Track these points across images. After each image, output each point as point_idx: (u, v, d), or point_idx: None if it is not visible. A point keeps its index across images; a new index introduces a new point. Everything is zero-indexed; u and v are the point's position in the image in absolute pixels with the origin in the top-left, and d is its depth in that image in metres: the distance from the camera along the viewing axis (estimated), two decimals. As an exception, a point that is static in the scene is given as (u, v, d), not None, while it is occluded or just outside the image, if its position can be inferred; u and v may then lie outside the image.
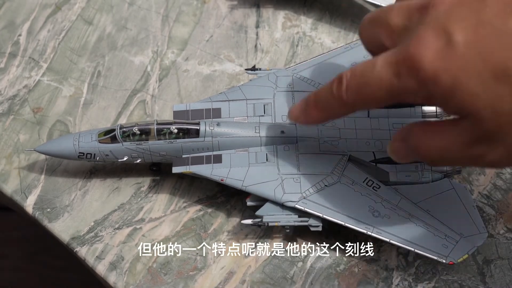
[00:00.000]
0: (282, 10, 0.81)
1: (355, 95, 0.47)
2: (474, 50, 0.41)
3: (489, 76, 0.40)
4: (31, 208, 0.64)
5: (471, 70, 0.41)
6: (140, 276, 0.59)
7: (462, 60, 0.41)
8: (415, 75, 0.42)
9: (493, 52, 0.40)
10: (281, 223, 0.58)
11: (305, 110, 0.53)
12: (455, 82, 0.41)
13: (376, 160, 0.61)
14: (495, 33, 0.40)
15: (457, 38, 0.41)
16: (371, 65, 0.45)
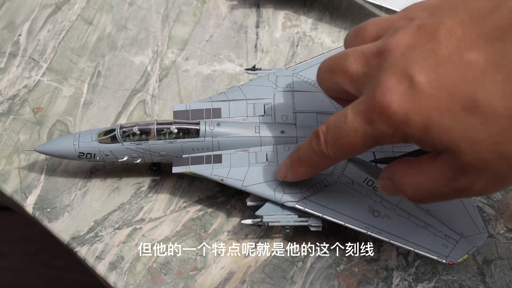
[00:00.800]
0: (282, 10, 0.81)
1: (335, 148, 0.49)
2: (438, 88, 0.42)
3: (459, 109, 0.41)
4: (31, 208, 0.64)
5: (440, 107, 0.42)
6: (140, 276, 0.59)
7: (429, 99, 0.42)
8: (387, 121, 0.43)
9: (457, 86, 0.41)
10: (281, 223, 0.58)
11: (291, 168, 0.55)
12: (427, 120, 0.42)
13: (376, 160, 0.61)
14: (455, 69, 0.41)
15: (419, 79, 0.42)
16: (342, 117, 0.47)
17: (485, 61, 0.41)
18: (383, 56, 0.45)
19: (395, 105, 0.43)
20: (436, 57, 0.42)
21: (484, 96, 0.40)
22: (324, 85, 0.54)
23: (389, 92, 0.43)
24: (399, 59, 0.43)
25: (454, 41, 0.42)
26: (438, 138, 0.42)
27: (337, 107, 0.64)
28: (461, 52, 0.41)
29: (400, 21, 0.47)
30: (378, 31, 0.49)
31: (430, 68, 0.42)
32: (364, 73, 0.47)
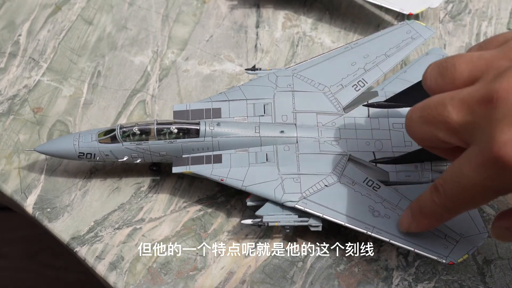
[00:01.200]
0: (282, 10, 0.81)
1: (456, 202, 0.48)
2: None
3: None
4: (31, 208, 0.64)
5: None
6: (140, 276, 0.59)
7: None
8: (509, 174, 0.41)
9: None
10: (281, 223, 0.58)
11: (414, 220, 0.54)
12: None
13: (376, 160, 0.61)
14: None
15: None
16: (458, 172, 0.45)
17: None
18: (491, 105, 0.42)
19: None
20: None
21: None
22: (417, 136, 0.50)
23: (506, 145, 0.40)
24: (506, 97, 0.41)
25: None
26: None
27: (337, 107, 0.64)
28: None
29: (500, 61, 0.44)
30: (472, 71, 0.45)
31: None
32: (469, 123, 0.44)
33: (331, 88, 0.65)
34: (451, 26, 0.79)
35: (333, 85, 0.65)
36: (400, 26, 0.71)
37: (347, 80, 0.66)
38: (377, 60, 0.67)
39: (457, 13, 0.80)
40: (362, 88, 0.65)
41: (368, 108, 0.64)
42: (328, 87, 0.65)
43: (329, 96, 0.65)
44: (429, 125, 0.47)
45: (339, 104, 0.64)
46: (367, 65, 0.67)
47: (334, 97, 0.65)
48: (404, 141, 0.63)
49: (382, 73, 0.67)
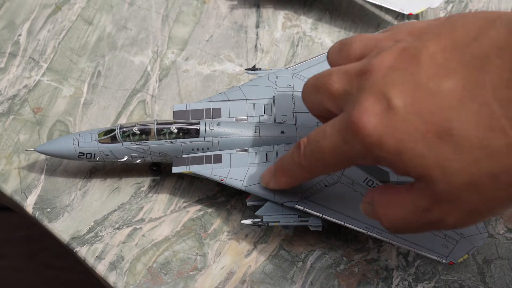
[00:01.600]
0: (282, 10, 0.81)
1: (312, 161, 0.49)
2: (414, 113, 0.41)
3: (433, 136, 0.41)
4: (31, 208, 0.64)
5: (414, 133, 0.41)
6: (140, 276, 0.59)
7: (404, 124, 0.41)
8: (361, 141, 0.43)
9: (433, 113, 0.41)
10: (281, 223, 0.58)
11: (274, 176, 0.56)
12: (400, 145, 0.42)
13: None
14: (431, 95, 0.41)
15: (396, 102, 0.42)
16: (322, 132, 0.47)
17: (462, 89, 0.40)
18: (365, 76, 0.45)
19: (370, 127, 0.42)
20: (415, 82, 0.42)
21: (459, 125, 0.40)
22: (308, 103, 0.54)
23: (366, 112, 0.43)
24: (379, 81, 0.43)
25: (434, 67, 0.41)
26: (411, 164, 0.42)
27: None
28: (440, 79, 0.41)
29: (386, 41, 0.47)
30: (363, 49, 0.49)
31: (408, 92, 0.42)
32: (346, 92, 0.47)
33: (331, 88, 0.65)
34: (451, 26, 0.79)
35: (333, 85, 0.65)
36: (400, 26, 0.71)
37: (347, 80, 0.66)
38: (377, 60, 0.67)
39: (457, 13, 0.80)
40: (362, 88, 0.65)
41: (368, 108, 0.64)
42: (328, 87, 0.65)
43: (329, 96, 0.65)
44: (317, 92, 0.50)
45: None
46: (367, 65, 0.67)
47: (334, 97, 0.65)
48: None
49: (382, 73, 0.67)
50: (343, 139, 0.45)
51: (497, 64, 0.39)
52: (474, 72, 0.40)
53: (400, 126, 0.42)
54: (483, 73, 0.40)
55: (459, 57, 0.41)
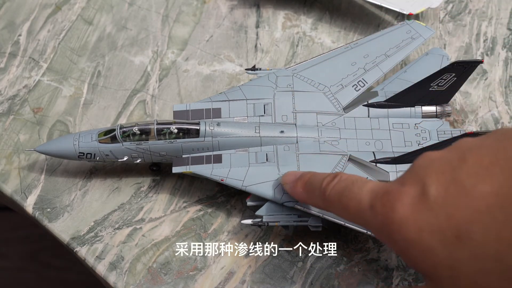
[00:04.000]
0: (282, 10, 0.81)
1: (335, 197, 0.48)
2: (442, 205, 0.40)
3: (451, 235, 0.39)
4: (31, 208, 0.64)
5: (435, 225, 0.40)
6: (140, 276, 0.59)
7: (429, 213, 0.41)
8: (385, 214, 0.43)
9: (459, 211, 0.40)
10: (281, 223, 0.58)
11: (295, 182, 0.55)
12: (417, 234, 0.41)
13: (376, 160, 0.61)
14: (464, 193, 0.40)
15: (431, 190, 0.41)
16: (361, 183, 0.46)
17: (495, 196, 0.39)
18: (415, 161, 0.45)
19: (398, 205, 0.42)
20: (454, 175, 0.41)
21: (480, 231, 0.39)
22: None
23: (400, 190, 0.42)
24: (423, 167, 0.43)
25: (477, 167, 0.40)
26: (421, 258, 0.41)
27: (337, 107, 0.64)
28: (478, 180, 0.40)
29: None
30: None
31: (443, 183, 0.41)
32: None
33: (331, 88, 0.65)
34: (451, 26, 0.79)
35: (333, 85, 0.65)
36: (400, 26, 0.71)
37: (347, 80, 0.66)
38: (377, 60, 0.67)
39: (457, 13, 0.80)
40: (362, 88, 0.65)
41: (368, 108, 0.65)
42: (328, 87, 0.65)
43: (329, 96, 0.65)
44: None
45: (339, 104, 0.64)
46: (367, 65, 0.67)
47: (334, 97, 0.65)
48: (404, 141, 0.63)
49: (382, 73, 0.67)
50: (370, 203, 0.44)
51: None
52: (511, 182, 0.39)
53: (424, 215, 0.41)
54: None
55: (503, 166, 0.40)
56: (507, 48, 0.76)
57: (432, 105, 0.65)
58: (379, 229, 0.44)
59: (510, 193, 0.39)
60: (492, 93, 0.73)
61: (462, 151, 0.42)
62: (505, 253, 0.38)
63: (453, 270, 0.40)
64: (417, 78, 0.65)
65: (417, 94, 0.64)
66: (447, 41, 0.77)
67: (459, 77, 0.63)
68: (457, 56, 0.76)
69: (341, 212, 0.48)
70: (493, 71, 0.74)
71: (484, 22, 0.79)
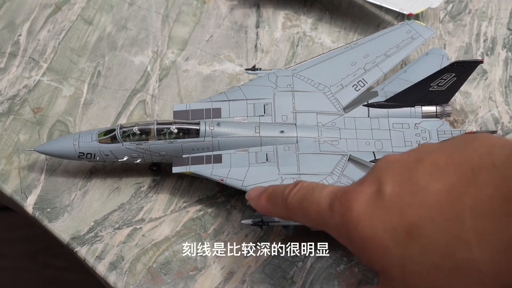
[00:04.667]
0: (282, 10, 0.81)
1: (296, 204, 0.48)
2: (395, 203, 0.41)
3: (403, 231, 0.40)
4: (31, 208, 0.64)
5: (388, 222, 0.41)
6: (140, 276, 0.59)
7: (383, 211, 0.41)
8: (342, 213, 0.43)
9: (411, 208, 0.40)
10: (281, 223, 0.58)
11: (259, 195, 0.54)
12: (371, 231, 0.41)
13: (376, 160, 0.61)
14: (417, 190, 0.40)
15: (386, 189, 0.42)
16: (322, 188, 0.47)
17: (445, 193, 0.39)
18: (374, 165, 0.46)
19: (355, 204, 0.42)
20: (409, 174, 0.41)
21: (430, 227, 0.39)
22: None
23: (358, 190, 0.43)
24: (381, 168, 0.44)
25: (432, 168, 0.41)
26: (375, 256, 0.41)
27: (337, 107, 0.64)
28: (431, 178, 0.41)
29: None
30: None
31: (398, 182, 0.42)
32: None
33: (331, 88, 0.65)
34: (451, 26, 0.79)
35: (333, 85, 0.65)
36: (400, 26, 0.71)
37: (347, 80, 0.66)
38: (377, 60, 0.67)
39: (457, 13, 0.80)
40: (362, 88, 0.65)
41: (368, 108, 0.65)
42: (328, 87, 0.65)
43: (329, 96, 0.65)
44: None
45: (339, 104, 0.64)
46: (367, 65, 0.67)
47: (334, 97, 0.65)
48: (404, 141, 0.63)
49: (382, 73, 0.67)
50: (329, 204, 0.45)
51: (485, 179, 0.39)
52: (463, 181, 0.40)
53: (379, 212, 0.41)
54: (471, 184, 0.39)
55: (457, 166, 0.40)
56: (507, 48, 0.76)
57: (432, 105, 0.65)
58: (338, 229, 0.44)
59: (462, 191, 0.39)
60: (492, 93, 0.73)
61: (420, 153, 0.43)
62: (454, 249, 0.38)
63: (404, 267, 0.40)
64: (417, 78, 0.65)
65: (417, 94, 0.64)
66: (447, 41, 0.77)
67: (459, 77, 0.63)
68: (457, 56, 0.76)
69: (303, 218, 0.48)
70: (493, 71, 0.74)
71: (484, 22, 0.79)
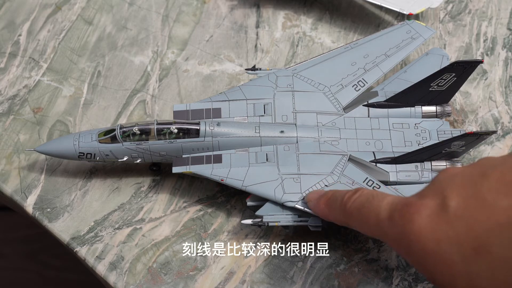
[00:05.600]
0: (282, 10, 0.81)
1: (354, 211, 0.49)
2: (461, 218, 0.41)
3: (470, 247, 0.40)
4: (31, 208, 0.64)
5: (454, 238, 0.41)
6: (140, 276, 0.59)
7: (448, 226, 0.41)
8: (403, 224, 0.43)
9: (478, 224, 0.40)
10: (281, 223, 0.58)
11: (319, 199, 0.55)
12: (436, 245, 0.41)
13: (376, 160, 0.61)
14: (485, 206, 0.40)
15: (451, 203, 0.41)
16: (381, 197, 0.47)
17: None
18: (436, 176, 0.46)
19: (418, 217, 0.42)
20: (475, 190, 0.41)
21: (500, 244, 0.39)
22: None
23: (420, 203, 0.43)
24: (443, 181, 0.44)
25: (499, 183, 0.41)
26: (439, 269, 0.41)
27: (337, 107, 0.64)
28: (499, 195, 0.40)
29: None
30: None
31: (464, 197, 0.41)
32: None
33: (331, 88, 0.65)
34: (451, 26, 0.79)
35: (333, 85, 0.65)
36: (400, 26, 0.71)
37: (347, 80, 0.66)
38: (377, 60, 0.67)
39: (457, 13, 0.80)
40: (362, 88, 0.65)
41: (368, 108, 0.65)
42: (328, 87, 0.65)
43: (329, 96, 0.65)
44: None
45: (339, 104, 0.64)
46: (367, 65, 0.67)
47: (334, 97, 0.65)
48: (404, 141, 0.63)
49: (382, 73, 0.67)
50: (389, 214, 0.45)
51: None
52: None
53: (443, 227, 0.41)
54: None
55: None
56: (507, 48, 0.76)
57: (432, 105, 0.65)
58: (397, 240, 0.44)
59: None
60: (492, 93, 0.73)
61: (484, 168, 0.42)
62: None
63: (471, 281, 0.40)
64: (417, 78, 0.65)
65: (417, 94, 0.64)
66: (447, 41, 0.77)
67: (459, 77, 0.63)
68: (457, 56, 0.76)
69: (360, 225, 0.49)
70: (493, 71, 0.74)
71: (484, 22, 0.79)
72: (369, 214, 0.47)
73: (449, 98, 0.65)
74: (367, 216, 0.47)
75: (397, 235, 0.44)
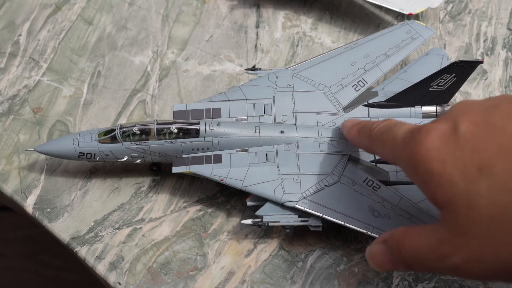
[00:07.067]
0: (282, 10, 0.81)
1: (377, 137, 0.52)
2: (469, 140, 0.43)
3: (474, 168, 0.42)
4: (31, 208, 0.64)
5: (459, 158, 0.43)
6: (140, 276, 0.59)
7: (455, 146, 0.43)
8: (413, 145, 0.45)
9: (485, 146, 0.42)
10: (281, 223, 0.58)
11: (352, 126, 0.58)
12: (440, 165, 0.43)
13: (376, 160, 0.61)
14: (493, 131, 0.42)
15: (461, 127, 0.44)
16: (402, 124, 0.50)
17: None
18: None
19: (427, 138, 0.44)
20: (486, 117, 0.43)
21: (504, 166, 0.41)
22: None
23: (432, 126, 0.45)
24: (456, 109, 0.46)
25: (510, 112, 0.43)
26: (441, 189, 0.43)
27: (337, 107, 0.64)
28: (509, 122, 0.42)
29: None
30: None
31: (474, 123, 0.43)
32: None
33: (331, 88, 0.65)
34: (451, 26, 0.79)
35: (333, 85, 0.65)
36: (400, 26, 0.71)
37: (347, 80, 0.66)
38: (377, 60, 0.67)
39: (457, 13, 0.80)
40: (362, 88, 0.65)
41: (368, 108, 0.65)
42: (328, 87, 0.65)
43: (329, 96, 0.65)
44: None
45: (339, 104, 0.64)
46: (367, 65, 0.67)
47: (334, 97, 0.65)
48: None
49: (382, 73, 0.67)
50: (403, 137, 0.47)
51: None
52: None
53: (450, 147, 0.43)
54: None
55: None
56: (507, 48, 0.76)
57: (432, 105, 0.65)
58: (407, 162, 0.46)
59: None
60: (492, 93, 0.73)
61: (497, 100, 0.45)
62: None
63: (471, 201, 0.42)
64: (417, 78, 0.65)
65: (417, 94, 0.64)
66: (447, 41, 0.77)
67: (459, 77, 0.63)
68: (457, 56, 0.76)
69: (380, 149, 0.53)
70: (493, 71, 0.74)
71: (484, 22, 0.79)
72: (387, 138, 0.50)
73: (449, 98, 0.65)
74: (386, 140, 0.50)
75: (406, 157, 0.46)
